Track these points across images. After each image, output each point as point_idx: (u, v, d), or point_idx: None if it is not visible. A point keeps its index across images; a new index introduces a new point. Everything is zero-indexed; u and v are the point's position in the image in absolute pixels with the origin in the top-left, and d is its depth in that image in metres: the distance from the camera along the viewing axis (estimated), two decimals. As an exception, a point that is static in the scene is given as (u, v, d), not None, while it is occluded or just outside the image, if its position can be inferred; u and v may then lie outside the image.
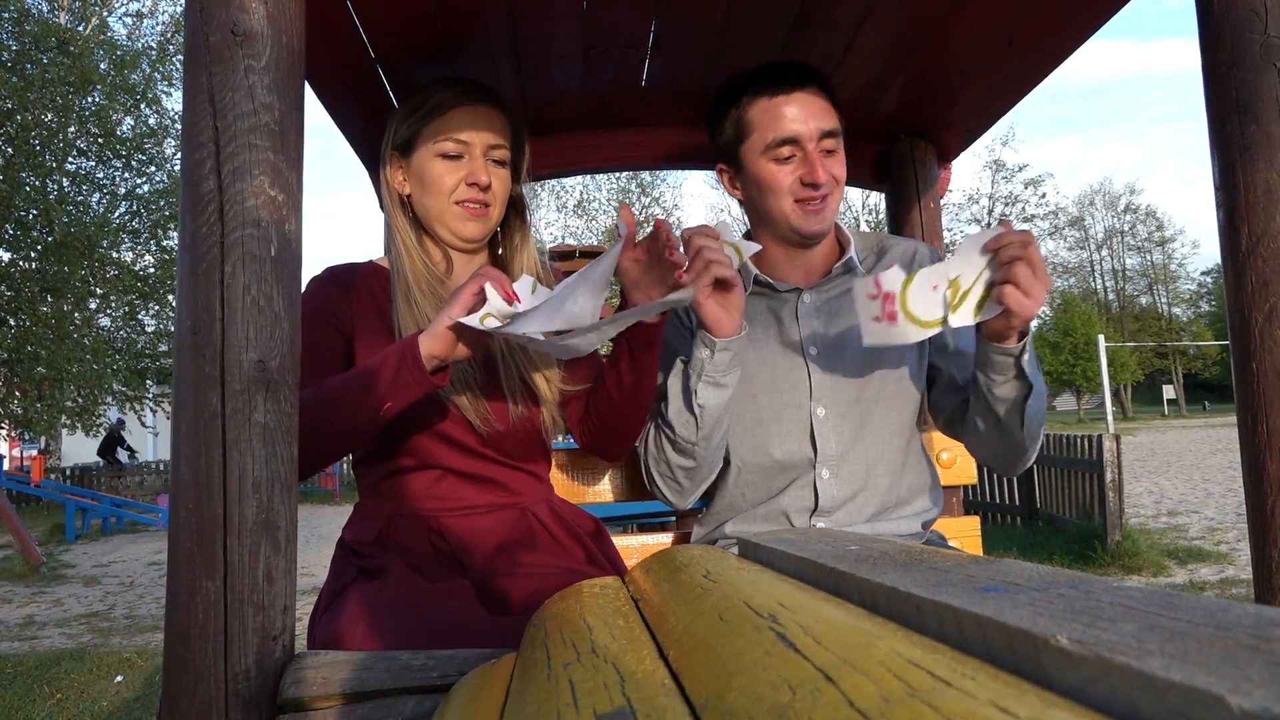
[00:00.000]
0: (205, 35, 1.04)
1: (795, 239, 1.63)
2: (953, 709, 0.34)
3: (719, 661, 0.49)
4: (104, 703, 4.45)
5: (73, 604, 7.53)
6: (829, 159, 1.57)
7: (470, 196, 1.53)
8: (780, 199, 1.58)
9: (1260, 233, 1.15)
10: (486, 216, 1.56)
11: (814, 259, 1.67)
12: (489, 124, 1.55)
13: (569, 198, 31.85)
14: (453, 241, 1.58)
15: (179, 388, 1.02)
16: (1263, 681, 0.30)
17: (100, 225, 16.38)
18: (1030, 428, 1.47)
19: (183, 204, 1.05)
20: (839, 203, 1.62)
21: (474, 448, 1.50)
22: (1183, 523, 8.81)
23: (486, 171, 1.53)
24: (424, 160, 1.54)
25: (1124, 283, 58.54)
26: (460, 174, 1.53)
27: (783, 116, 1.55)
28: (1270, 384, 1.14)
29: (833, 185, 1.57)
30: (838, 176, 1.58)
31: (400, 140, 1.57)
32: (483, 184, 1.53)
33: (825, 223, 1.59)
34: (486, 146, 1.54)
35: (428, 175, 1.53)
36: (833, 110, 1.58)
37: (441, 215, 1.55)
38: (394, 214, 1.58)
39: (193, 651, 0.97)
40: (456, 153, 1.53)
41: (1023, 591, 0.49)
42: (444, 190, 1.53)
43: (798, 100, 1.55)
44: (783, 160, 1.57)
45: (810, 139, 1.54)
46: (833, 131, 1.56)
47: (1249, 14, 1.15)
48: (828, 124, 1.55)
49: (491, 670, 0.83)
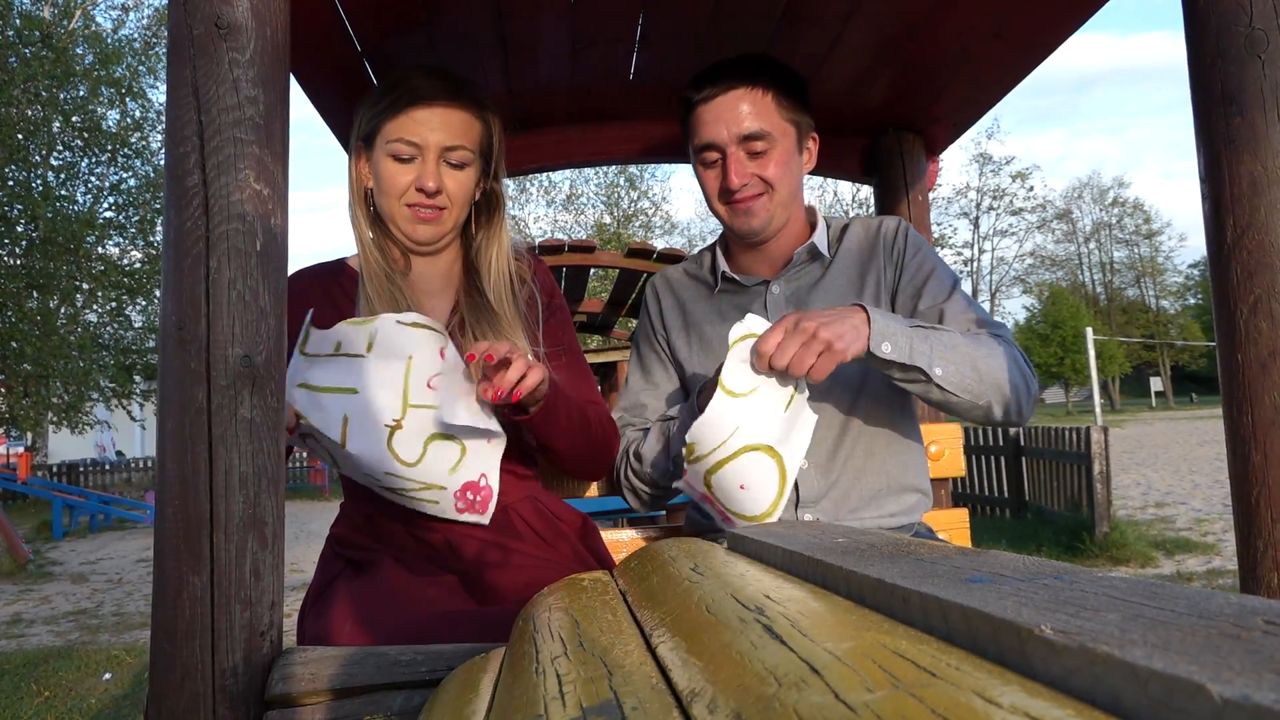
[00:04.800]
0: (189, 28, 1.03)
1: (737, 238, 1.64)
2: (937, 700, 0.34)
3: (706, 654, 0.49)
4: (92, 700, 4.43)
5: (60, 601, 7.49)
6: (756, 161, 1.55)
7: (417, 200, 1.48)
8: (712, 201, 1.61)
9: (1245, 224, 1.15)
10: (439, 220, 1.50)
11: (776, 250, 1.67)
12: (445, 124, 1.47)
13: (558, 193, 31.80)
14: (405, 243, 1.53)
15: (164, 383, 1.02)
16: (1244, 670, 0.30)
17: (86, 220, 16.29)
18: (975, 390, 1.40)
19: (167, 198, 1.04)
20: (783, 199, 1.58)
21: None
22: (1170, 514, 8.86)
23: (437, 176, 1.47)
24: (379, 158, 1.49)
25: (1112, 275, 58.82)
26: (411, 176, 1.47)
27: (704, 121, 1.55)
28: (1255, 375, 1.15)
29: (762, 186, 1.56)
30: (768, 177, 1.55)
31: (364, 133, 1.52)
32: (429, 190, 1.46)
33: (759, 220, 1.57)
34: (441, 149, 1.47)
35: (382, 174, 1.48)
36: (770, 108, 1.54)
37: (393, 216, 1.50)
38: (355, 209, 1.53)
39: (180, 648, 0.97)
40: (408, 155, 1.46)
41: (1008, 582, 0.49)
42: (394, 192, 1.48)
43: (719, 104, 1.53)
44: (709, 164, 1.58)
45: (729, 143, 1.53)
46: (757, 134, 1.52)
47: (1234, 7, 1.16)
48: (751, 126, 1.52)
49: (480, 665, 0.83)
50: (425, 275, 1.58)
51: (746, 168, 1.55)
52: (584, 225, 30.83)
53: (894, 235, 1.65)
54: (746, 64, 1.56)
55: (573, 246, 5.35)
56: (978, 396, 1.41)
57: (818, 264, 1.65)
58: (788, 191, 1.59)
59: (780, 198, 1.58)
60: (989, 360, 1.41)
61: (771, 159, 1.55)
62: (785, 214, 1.61)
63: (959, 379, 1.39)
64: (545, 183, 31.22)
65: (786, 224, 1.63)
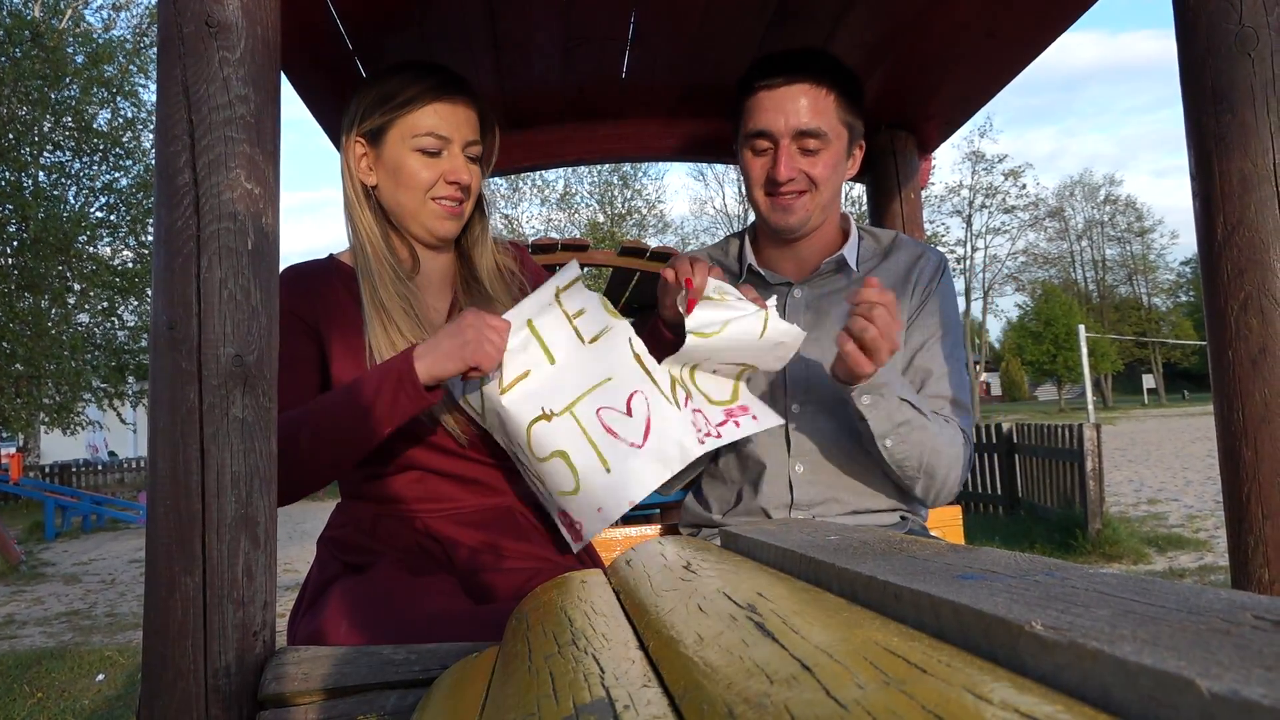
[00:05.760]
0: (179, 27, 1.03)
1: (769, 231, 1.63)
2: (928, 696, 0.34)
3: (698, 652, 0.49)
4: (85, 701, 4.42)
5: (53, 602, 7.47)
6: (807, 158, 1.54)
7: (449, 194, 1.48)
8: (754, 189, 1.59)
9: (1235, 221, 1.16)
10: (461, 214, 1.52)
11: (806, 252, 1.66)
12: (467, 118, 1.49)
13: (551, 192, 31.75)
14: (425, 238, 1.52)
15: (155, 383, 1.01)
16: (1232, 664, 0.30)
17: (77, 220, 16.22)
18: (910, 473, 1.51)
19: (158, 197, 1.04)
20: (824, 201, 1.57)
21: (457, 449, 1.48)
22: (1162, 511, 8.89)
23: (466, 168, 1.49)
24: (399, 154, 1.47)
25: (1104, 273, 58.97)
26: (439, 170, 1.47)
27: (761, 109, 1.53)
28: (1245, 371, 1.15)
29: (807, 184, 1.55)
30: (815, 176, 1.54)
31: (370, 129, 1.49)
32: (463, 182, 1.48)
33: (797, 218, 1.56)
34: (464, 142, 1.49)
35: (404, 170, 1.47)
36: (830, 108, 1.53)
37: (417, 213, 1.49)
38: (357, 206, 1.50)
39: (172, 648, 0.96)
40: (436, 149, 1.46)
41: (999, 579, 0.49)
42: (421, 186, 1.47)
43: (781, 94, 1.52)
44: (758, 152, 1.56)
45: (784, 134, 1.52)
46: (814, 132, 1.52)
47: (1224, 4, 1.16)
48: (809, 123, 1.51)
49: (473, 663, 0.83)
50: (428, 272, 1.57)
51: (797, 162, 1.53)
52: (578, 224, 30.80)
53: (932, 273, 1.64)
54: (815, 59, 1.55)
55: (566, 245, 5.33)
56: (909, 476, 1.53)
57: (843, 275, 1.65)
58: (830, 193, 1.58)
59: (822, 199, 1.57)
60: (937, 456, 1.51)
61: (822, 158, 1.54)
62: (823, 216, 1.60)
63: (902, 458, 1.49)
64: (539, 181, 31.21)
65: (821, 226, 1.63)
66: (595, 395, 1.36)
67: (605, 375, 1.37)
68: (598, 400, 1.36)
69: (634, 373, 1.37)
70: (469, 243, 1.61)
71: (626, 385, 1.37)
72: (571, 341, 1.40)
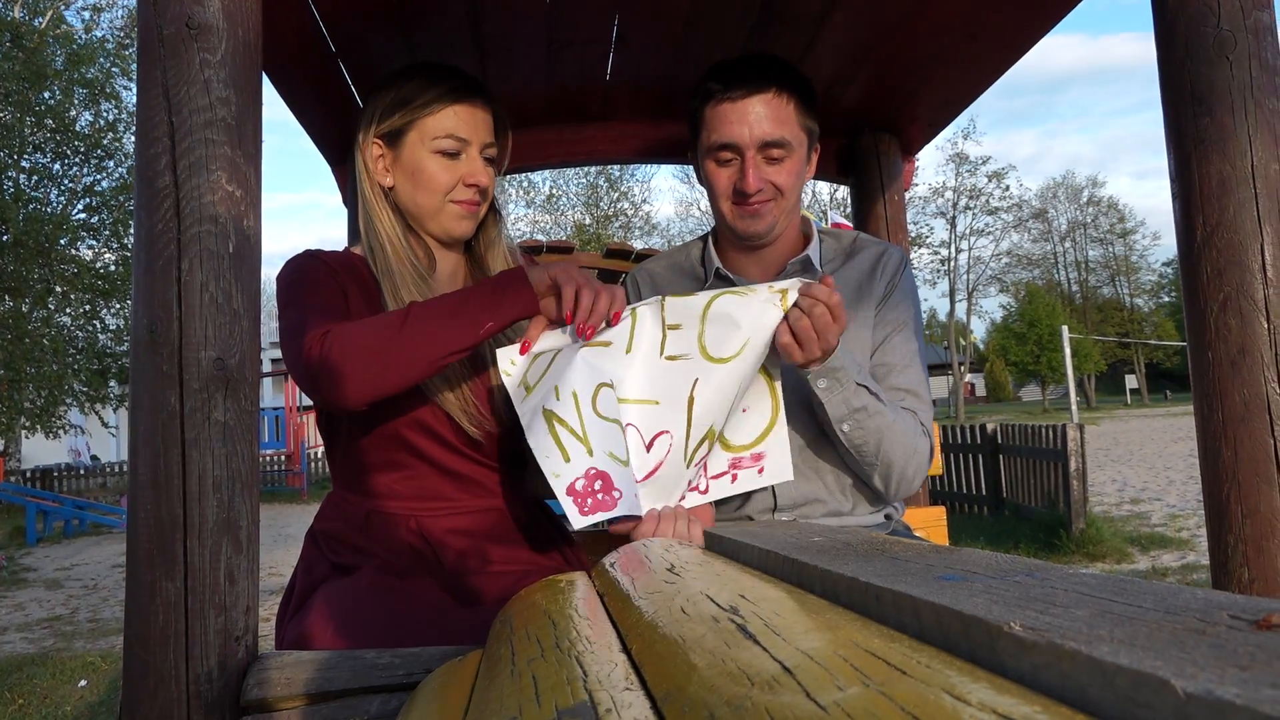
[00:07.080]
0: (159, 28, 1.02)
1: (734, 238, 1.63)
2: (906, 697, 0.34)
3: (680, 654, 0.49)
4: (67, 708, 4.38)
5: (34, 608, 7.40)
6: (771, 167, 1.54)
7: (467, 197, 1.51)
8: (719, 199, 1.60)
9: (1215, 223, 1.17)
10: (477, 214, 1.55)
11: (771, 256, 1.67)
12: (484, 121, 1.53)
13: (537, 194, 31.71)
14: (441, 238, 1.56)
15: (136, 387, 1.01)
16: (1207, 664, 0.30)
17: (59, 222, 16.10)
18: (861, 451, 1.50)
19: (138, 200, 1.03)
20: (789, 206, 1.59)
21: (459, 447, 1.48)
22: (1145, 510, 8.95)
23: (485, 171, 1.52)
24: (418, 156, 1.49)
25: (1087, 274, 59.35)
26: (458, 172, 1.50)
27: (725, 121, 1.53)
28: (1224, 372, 1.16)
29: (773, 193, 1.55)
30: (780, 185, 1.55)
31: (388, 130, 1.50)
32: (482, 185, 1.51)
33: (764, 226, 1.57)
34: (482, 144, 1.52)
35: (424, 172, 1.49)
36: (791, 116, 1.54)
37: (436, 214, 1.52)
38: (376, 206, 1.52)
39: (153, 654, 0.96)
40: (455, 150, 1.49)
41: (980, 579, 0.49)
42: (440, 189, 1.50)
43: (744, 106, 1.52)
44: (723, 163, 1.57)
45: (749, 146, 1.52)
46: (778, 142, 1.52)
47: (1202, 8, 1.17)
48: (773, 133, 1.52)
49: (457, 667, 0.83)
50: (444, 270, 1.59)
51: (763, 172, 1.54)
52: (563, 226, 30.76)
53: (894, 270, 1.66)
54: (771, 65, 1.55)
55: (551, 247, 5.31)
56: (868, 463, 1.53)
57: (809, 276, 1.65)
58: (795, 198, 1.60)
59: (786, 205, 1.58)
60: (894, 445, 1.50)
61: (786, 166, 1.55)
62: (788, 220, 1.61)
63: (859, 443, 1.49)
64: (524, 183, 31.16)
65: (785, 230, 1.64)
66: (638, 409, 1.36)
67: (656, 397, 1.36)
68: (636, 415, 1.35)
69: (678, 413, 1.35)
70: (484, 244, 1.64)
71: (663, 421, 1.35)
72: (653, 347, 1.39)
